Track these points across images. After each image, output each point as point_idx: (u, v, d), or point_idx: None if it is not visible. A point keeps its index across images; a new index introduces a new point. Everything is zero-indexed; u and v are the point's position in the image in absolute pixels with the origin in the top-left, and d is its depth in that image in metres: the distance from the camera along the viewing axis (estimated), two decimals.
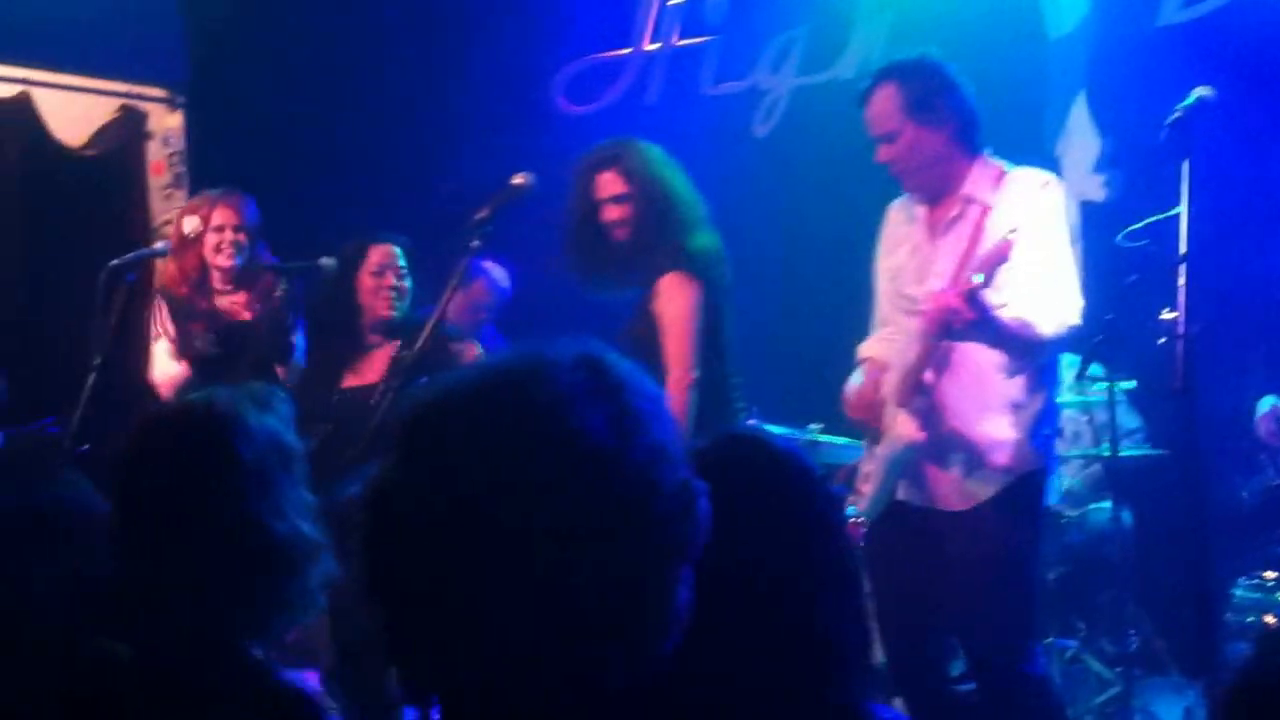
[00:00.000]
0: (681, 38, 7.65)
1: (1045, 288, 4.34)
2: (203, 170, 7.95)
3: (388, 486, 1.58)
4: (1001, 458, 4.45)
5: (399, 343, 5.69)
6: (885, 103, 4.56)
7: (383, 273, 5.89)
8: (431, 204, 7.64)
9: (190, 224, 6.09)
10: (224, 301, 6.11)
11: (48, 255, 7.83)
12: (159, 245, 6.76)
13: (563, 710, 1.55)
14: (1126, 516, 5.90)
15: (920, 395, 4.47)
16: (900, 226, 4.79)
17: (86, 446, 5.73)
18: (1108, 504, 5.97)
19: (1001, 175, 4.53)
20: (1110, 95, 6.65)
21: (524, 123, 7.98)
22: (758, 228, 6.53)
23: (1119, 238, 5.52)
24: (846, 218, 6.90)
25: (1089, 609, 6.02)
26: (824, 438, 6.07)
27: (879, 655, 4.65)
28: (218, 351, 6.01)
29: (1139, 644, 5.83)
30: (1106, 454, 5.75)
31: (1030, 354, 4.39)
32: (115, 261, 5.89)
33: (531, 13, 7.86)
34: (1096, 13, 6.67)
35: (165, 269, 6.20)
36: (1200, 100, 4.18)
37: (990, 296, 4.19)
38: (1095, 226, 6.55)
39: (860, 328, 6.63)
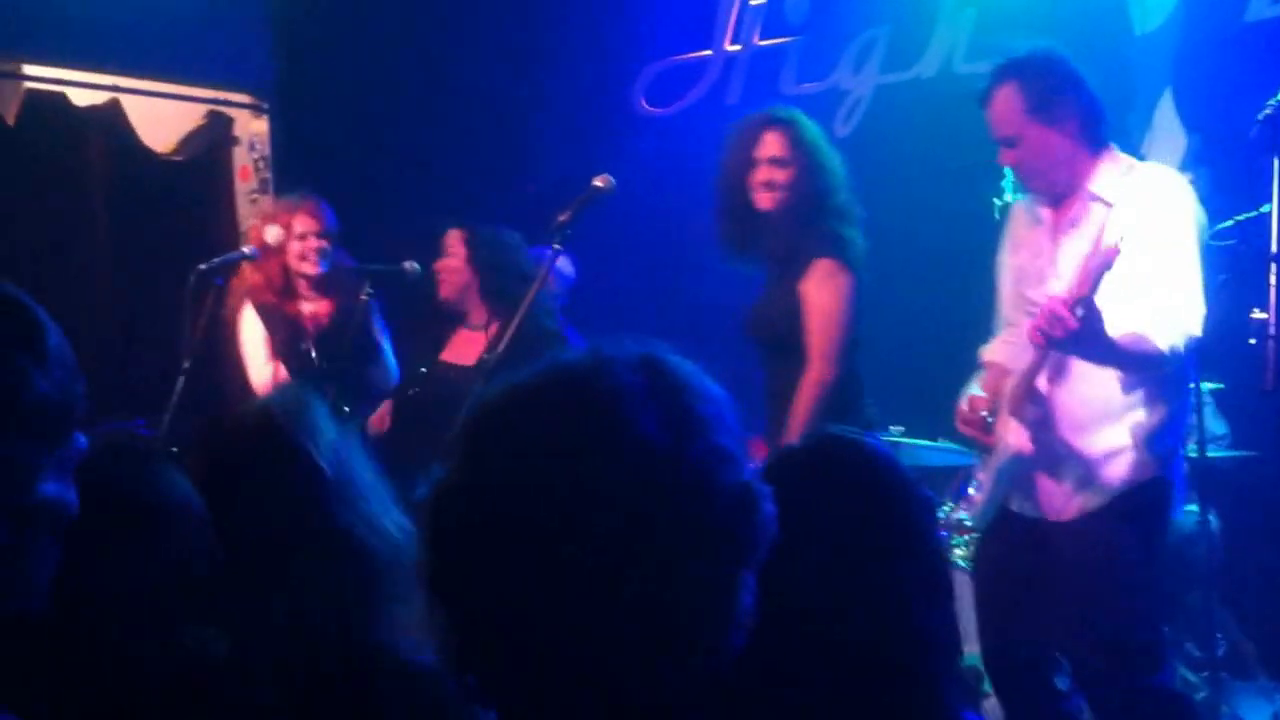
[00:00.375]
0: (762, 38, 7.61)
1: (1165, 296, 4.18)
2: (288, 174, 8.02)
3: (448, 488, 1.59)
4: (1116, 469, 4.32)
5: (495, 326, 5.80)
6: (1005, 104, 4.39)
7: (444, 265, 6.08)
8: (515, 205, 7.66)
9: (273, 233, 6.16)
10: (309, 307, 6.15)
11: (136, 260, 7.92)
12: (246, 249, 6.81)
13: (620, 715, 1.54)
14: (1214, 519, 5.80)
15: (1033, 404, 4.37)
16: (1024, 226, 4.65)
17: (176, 449, 5.80)
18: (1194, 506, 5.88)
19: (1129, 171, 4.40)
20: (1197, 92, 6.55)
21: (606, 124, 7.98)
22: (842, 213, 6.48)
23: (1207, 237, 5.44)
24: (929, 216, 6.89)
25: (1175, 612, 5.92)
26: (905, 440, 6.01)
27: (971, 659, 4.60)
28: (310, 360, 6.07)
29: (1226, 648, 5.73)
30: (1194, 455, 5.65)
31: (1146, 367, 4.25)
32: (203, 265, 5.96)
33: (613, 15, 7.86)
34: (1183, 9, 6.57)
35: (250, 277, 6.25)
36: None
37: (1101, 305, 4.09)
38: None
39: (941, 327, 6.63)
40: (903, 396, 6.48)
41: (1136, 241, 4.15)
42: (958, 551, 5.59)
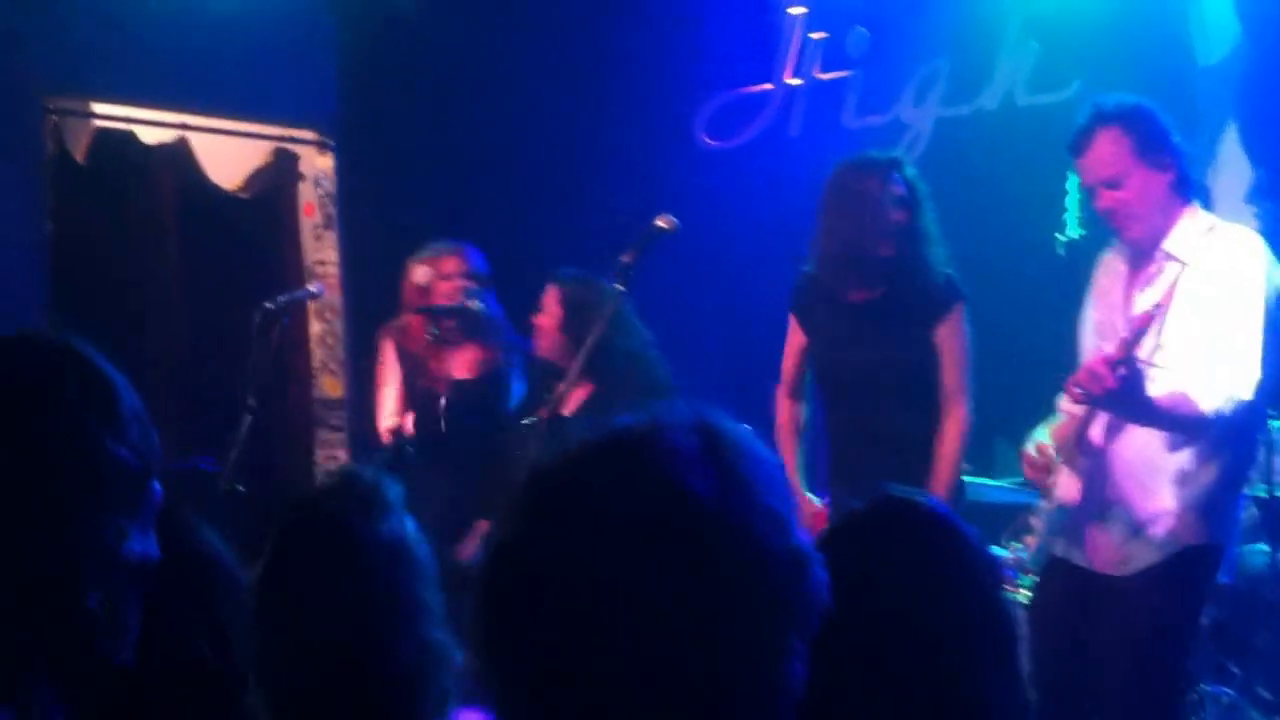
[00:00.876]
0: (823, 71, 7.58)
1: (1214, 358, 4.15)
2: (353, 211, 8.06)
3: (504, 550, 1.59)
4: (1161, 529, 4.29)
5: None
6: (1111, 145, 4.35)
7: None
8: (579, 238, 7.67)
9: (422, 273, 6.25)
10: (452, 358, 6.24)
11: (204, 297, 7.97)
12: (312, 287, 6.88)
13: None
14: None
15: (1084, 455, 4.32)
16: (1107, 279, 4.62)
17: (242, 487, 5.83)
18: (1264, 546, 5.79)
19: (1208, 231, 4.36)
20: (1263, 125, 6.49)
21: (668, 157, 7.97)
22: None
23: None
24: (992, 250, 6.83)
25: (1245, 654, 5.84)
26: (971, 479, 5.96)
27: None
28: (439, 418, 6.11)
29: None
30: (1263, 494, 5.58)
31: (1188, 429, 4.20)
32: (269, 304, 6.01)
33: (674, 49, 7.84)
34: (1248, 41, 6.50)
35: (402, 322, 6.38)
36: None
37: (1154, 363, 4.04)
38: None
39: (1003, 363, 6.57)
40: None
41: (1200, 302, 4.12)
42: (1023, 591, 5.52)
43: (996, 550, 5.87)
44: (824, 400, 5.31)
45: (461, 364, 6.30)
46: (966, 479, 5.97)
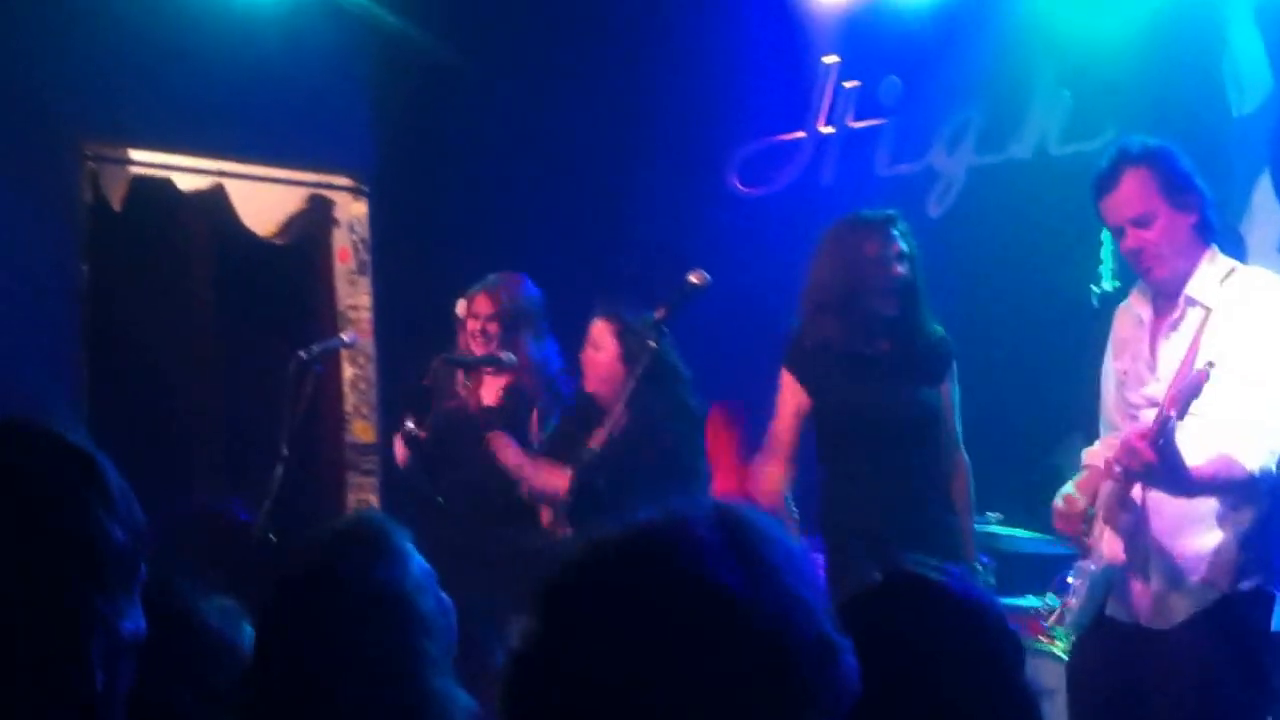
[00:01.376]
0: (856, 119, 7.57)
1: (1257, 413, 4.09)
2: (387, 256, 8.07)
3: (529, 656, 1.57)
4: (1198, 577, 4.22)
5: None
6: (1139, 184, 4.32)
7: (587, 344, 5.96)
8: (612, 283, 7.66)
9: (460, 307, 6.37)
10: (476, 387, 6.30)
11: (240, 342, 7.99)
12: (345, 336, 6.89)
13: None
14: None
15: (1126, 512, 4.28)
16: (1127, 328, 4.58)
17: (273, 536, 5.84)
18: None
19: (1229, 274, 4.32)
20: None
21: (701, 203, 7.97)
22: (933, 309, 6.40)
23: None
24: (1024, 300, 6.81)
25: None
26: (1002, 530, 5.93)
27: None
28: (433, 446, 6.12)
29: None
30: None
31: (1234, 491, 4.14)
32: (302, 353, 6.03)
33: (708, 96, 7.85)
34: None
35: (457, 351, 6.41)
36: None
37: (1192, 418, 3.99)
38: None
39: (1037, 412, 6.53)
40: (1000, 483, 6.40)
41: (1232, 352, 4.08)
42: (1058, 645, 5.48)
43: (1032, 601, 5.84)
44: (836, 453, 5.31)
45: (491, 391, 6.33)
46: (1000, 530, 5.95)
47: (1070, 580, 4.59)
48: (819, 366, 5.23)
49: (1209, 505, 4.23)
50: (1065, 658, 5.29)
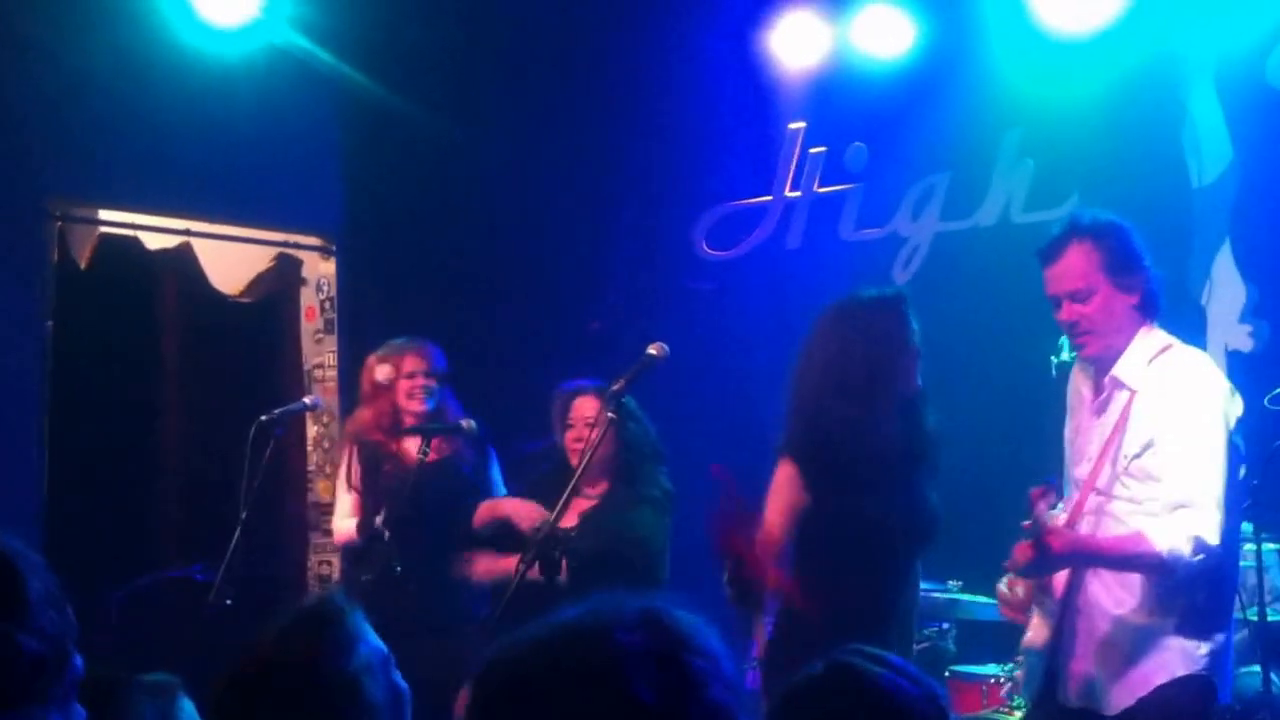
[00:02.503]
0: (822, 185, 7.58)
1: (1178, 495, 4.03)
2: (353, 315, 8.04)
3: None
4: (1149, 664, 4.16)
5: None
6: (1080, 258, 4.25)
7: (576, 424, 5.71)
8: (579, 344, 7.65)
9: (383, 371, 6.23)
10: (411, 445, 6.16)
11: (206, 401, 7.95)
12: (308, 399, 6.86)
13: None
14: (1278, 681, 5.64)
15: (1049, 598, 4.27)
16: (1076, 394, 4.54)
17: (230, 600, 5.78)
18: (1257, 668, 5.72)
19: (1162, 351, 4.26)
20: (1256, 244, 6.46)
21: (668, 266, 7.98)
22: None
23: (1266, 400, 5.33)
24: (987, 364, 6.81)
25: None
26: (963, 595, 5.91)
27: None
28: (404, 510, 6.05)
29: None
30: (1254, 617, 5.50)
31: (1151, 573, 4.07)
32: (264, 417, 6.01)
33: (676, 160, 7.86)
34: (1240, 163, 6.50)
35: (360, 415, 6.33)
36: None
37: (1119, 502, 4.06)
38: (1242, 376, 6.32)
39: (1001, 479, 6.51)
40: (961, 550, 6.37)
41: (1154, 433, 4.07)
42: (1016, 714, 5.45)
43: (994, 669, 5.81)
44: (825, 558, 4.68)
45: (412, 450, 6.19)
46: (961, 597, 5.91)
47: (1018, 658, 4.57)
48: (824, 455, 4.64)
49: (1139, 593, 4.18)
50: None
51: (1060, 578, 4.25)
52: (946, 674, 5.88)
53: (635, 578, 5.23)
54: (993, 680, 5.74)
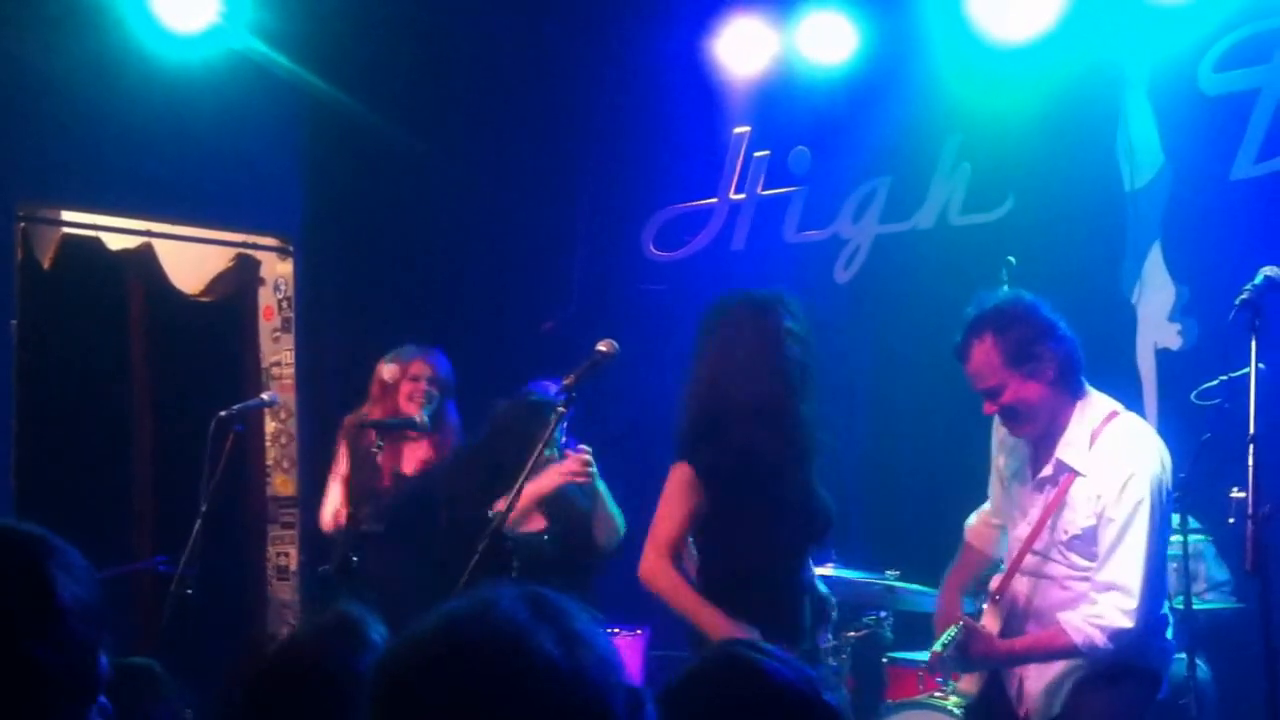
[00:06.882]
0: (766, 188, 7.58)
1: (1099, 585, 4.17)
2: (310, 314, 8.01)
3: None
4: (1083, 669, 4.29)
5: None
6: (984, 357, 4.28)
7: None
8: (532, 343, 7.63)
9: (390, 371, 6.33)
10: (412, 449, 6.26)
11: (167, 398, 7.93)
12: (266, 396, 6.85)
13: None
14: (1204, 667, 5.68)
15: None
16: (1010, 438, 4.52)
17: (190, 590, 5.77)
18: (1183, 655, 5.75)
19: (1105, 423, 4.28)
20: (1186, 246, 6.50)
21: (616, 267, 7.97)
22: (839, 372, 6.40)
23: (1193, 395, 5.36)
24: (926, 363, 6.81)
25: None
26: (900, 584, 5.92)
27: None
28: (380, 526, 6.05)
29: None
30: (1179, 606, 5.53)
31: (1069, 658, 4.25)
32: (224, 412, 5.98)
33: (625, 164, 7.86)
34: (1171, 167, 6.54)
35: (360, 414, 6.38)
36: (1268, 280, 4.01)
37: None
38: (1171, 374, 6.39)
39: (939, 473, 6.54)
40: (898, 540, 6.41)
41: (1097, 521, 4.17)
42: (951, 700, 5.46)
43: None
44: (736, 564, 4.53)
45: (410, 460, 6.28)
46: (912, 587, 5.92)
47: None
48: (720, 467, 4.49)
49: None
50: (958, 712, 5.29)
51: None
52: (884, 660, 5.89)
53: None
54: (926, 666, 5.75)
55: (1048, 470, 4.32)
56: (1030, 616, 4.36)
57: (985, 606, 4.49)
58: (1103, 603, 4.14)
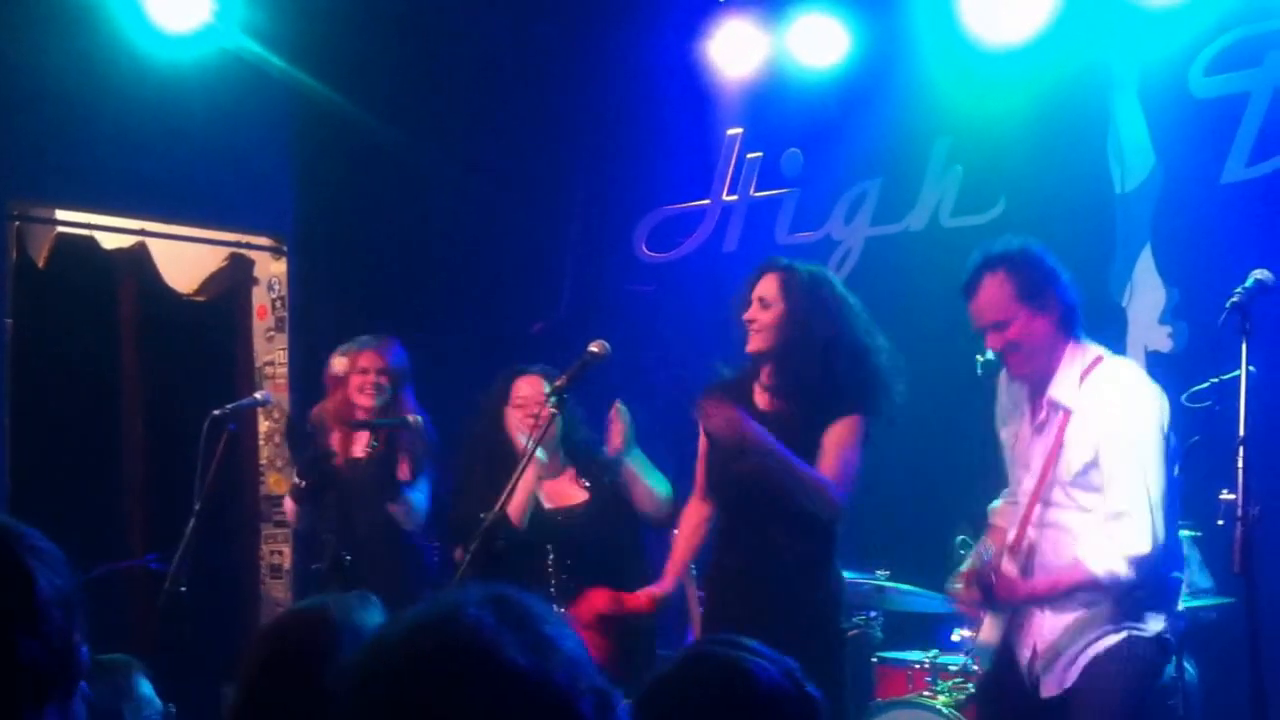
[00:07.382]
0: (758, 190, 7.59)
1: (1110, 516, 4.16)
2: (304, 314, 8.01)
3: None
4: (1096, 643, 4.30)
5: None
6: (996, 290, 4.37)
7: (526, 404, 5.53)
8: (524, 343, 7.63)
9: (339, 364, 6.26)
10: (354, 437, 6.18)
11: (160, 397, 7.92)
12: (259, 395, 6.83)
13: None
14: (1191, 668, 5.69)
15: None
16: (1010, 398, 4.63)
17: (184, 588, 5.75)
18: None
19: (1093, 365, 4.35)
20: (1176, 248, 6.50)
21: (609, 268, 7.97)
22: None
23: (1183, 398, 5.35)
24: (917, 364, 6.81)
25: None
26: (889, 584, 5.93)
27: None
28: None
29: None
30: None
31: (1092, 591, 4.22)
32: (217, 411, 5.97)
33: (617, 165, 7.86)
34: (1161, 169, 6.54)
35: (320, 407, 6.34)
36: (1258, 283, 4.03)
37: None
38: (1162, 376, 6.34)
39: (929, 473, 6.54)
40: (888, 540, 6.40)
41: (1090, 449, 4.15)
42: (940, 699, 5.47)
43: (917, 656, 5.83)
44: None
45: (360, 443, 6.17)
46: (901, 587, 5.93)
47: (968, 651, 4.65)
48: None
49: (1079, 595, 4.29)
50: (946, 711, 5.31)
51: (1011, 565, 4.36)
52: (874, 659, 5.91)
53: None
54: (917, 666, 5.77)
55: (1043, 415, 4.38)
56: (1046, 569, 4.37)
57: (1003, 559, 4.49)
58: (1116, 532, 4.14)
